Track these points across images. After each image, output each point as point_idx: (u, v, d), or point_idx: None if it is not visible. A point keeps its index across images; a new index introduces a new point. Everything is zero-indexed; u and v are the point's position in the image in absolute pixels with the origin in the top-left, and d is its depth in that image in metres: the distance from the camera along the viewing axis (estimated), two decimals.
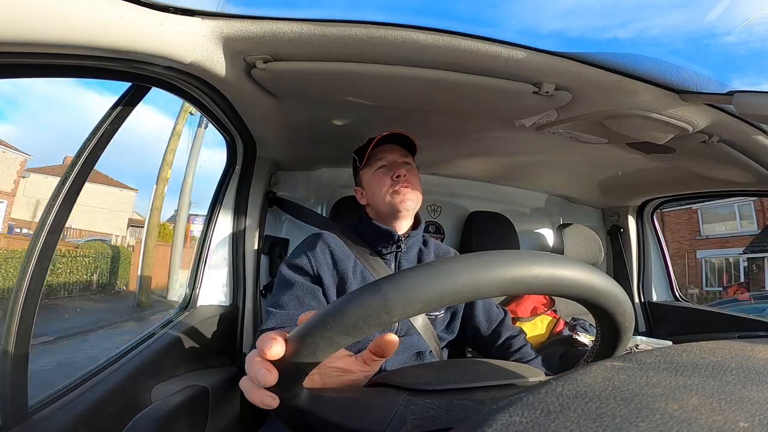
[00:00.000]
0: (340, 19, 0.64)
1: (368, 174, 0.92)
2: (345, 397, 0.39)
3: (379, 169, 0.90)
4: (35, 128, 28.23)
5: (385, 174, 0.89)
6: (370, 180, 0.91)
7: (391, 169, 0.89)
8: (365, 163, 0.92)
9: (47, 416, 0.59)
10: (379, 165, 0.90)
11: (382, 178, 0.89)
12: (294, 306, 0.79)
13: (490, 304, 0.98)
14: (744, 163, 1.03)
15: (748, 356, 0.28)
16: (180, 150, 6.83)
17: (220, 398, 0.89)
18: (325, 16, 0.64)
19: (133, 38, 0.55)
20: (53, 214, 0.60)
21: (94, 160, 0.66)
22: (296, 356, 0.30)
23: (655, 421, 0.18)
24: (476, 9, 0.69)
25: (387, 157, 0.91)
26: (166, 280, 7.10)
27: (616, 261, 1.75)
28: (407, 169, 0.90)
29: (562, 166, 1.42)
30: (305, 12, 0.64)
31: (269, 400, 0.33)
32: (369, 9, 0.64)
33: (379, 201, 0.89)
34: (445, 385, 0.38)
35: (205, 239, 1.15)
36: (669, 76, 0.74)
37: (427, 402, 0.36)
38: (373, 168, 0.91)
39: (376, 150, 0.91)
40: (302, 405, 0.34)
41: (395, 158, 0.91)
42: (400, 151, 0.92)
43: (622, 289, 0.35)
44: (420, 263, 0.63)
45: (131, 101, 0.69)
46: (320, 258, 0.85)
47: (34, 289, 0.58)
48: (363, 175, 0.94)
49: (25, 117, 35.02)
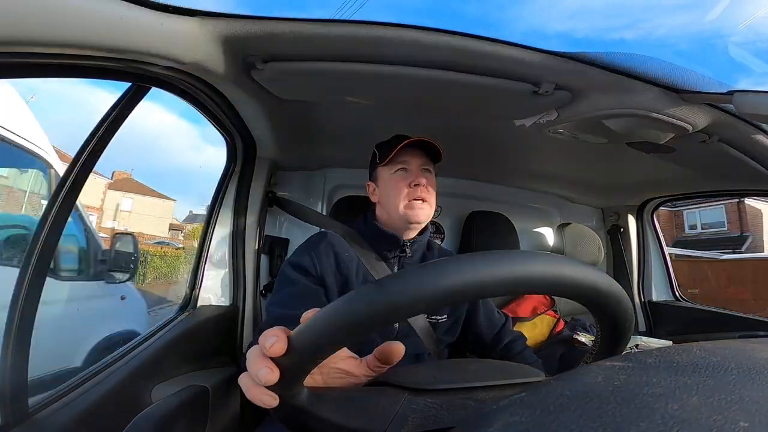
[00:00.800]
0: (340, 19, 0.64)
1: (386, 173, 0.90)
2: (345, 396, 0.39)
3: (399, 171, 0.88)
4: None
5: (404, 179, 0.87)
6: (387, 181, 0.90)
7: (411, 175, 0.87)
8: (387, 161, 0.89)
9: (47, 416, 0.59)
10: (400, 167, 0.89)
11: (399, 182, 0.87)
12: (295, 305, 0.78)
13: (491, 309, 0.98)
14: (744, 163, 1.03)
15: (748, 356, 0.28)
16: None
17: (220, 398, 0.89)
18: (325, 16, 0.64)
19: (133, 38, 0.55)
20: (53, 214, 0.60)
21: (94, 161, 0.66)
22: (299, 354, 0.30)
23: (655, 421, 0.18)
24: (476, 9, 0.69)
25: (410, 162, 0.89)
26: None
27: (616, 261, 1.75)
28: (427, 179, 0.88)
29: (562, 166, 1.42)
30: (305, 12, 0.65)
31: (269, 399, 0.32)
32: (369, 9, 0.64)
33: (392, 207, 0.87)
34: (447, 384, 0.38)
35: (205, 239, 1.15)
36: (669, 76, 0.74)
37: (429, 401, 0.36)
38: (393, 168, 0.89)
39: (401, 151, 0.88)
40: (302, 404, 0.34)
41: (417, 165, 0.89)
42: (423, 159, 0.90)
43: (622, 288, 0.35)
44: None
45: (131, 101, 0.69)
46: (324, 259, 0.84)
47: (34, 289, 0.58)
48: (381, 171, 0.92)
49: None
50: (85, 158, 0.64)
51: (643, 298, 1.69)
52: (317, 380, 0.42)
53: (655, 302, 1.66)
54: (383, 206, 0.91)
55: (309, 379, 0.47)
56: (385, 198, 0.90)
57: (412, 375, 0.42)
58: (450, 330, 0.92)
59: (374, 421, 0.34)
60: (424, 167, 0.90)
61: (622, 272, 1.71)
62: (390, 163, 0.89)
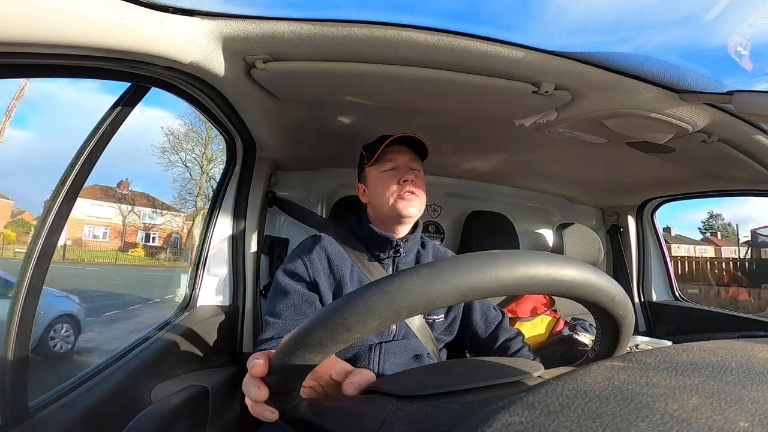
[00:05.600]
0: (340, 19, 0.64)
1: (374, 173, 0.91)
2: (339, 405, 0.41)
3: (387, 171, 0.89)
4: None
5: (392, 176, 0.88)
6: (376, 180, 0.90)
7: (399, 172, 0.88)
8: (373, 160, 0.90)
9: (47, 416, 0.59)
10: (388, 167, 0.89)
11: (388, 180, 0.88)
12: (290, 315, 0.78)
13: (488, 306, 0.98)
14: (744, 162, 1.03)
15: (748, 356, 0.28)
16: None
17: (220, 398, 0.89)
18: (325, 16, 0.64)
19: (133, 38, 0.55)
20: (53, 214, 0.60)
21: (94, 161, 0.66)
22: (279, 373, 0.33)
23: (655, 421, 0.18)
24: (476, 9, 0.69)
25: (396, 159, 0.89)
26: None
27: (616, 261, 1.75)
28: (415, 175, 0.88)
29: (562, 166, 1.42)
30: (305, 12, 0.64)
31: (269, 414, 0.36)
32: (369, 9, 0.64)
33: (383, 204, 0.88)
34: (433, 389, 0.39)
35: (204, 239, 1.15)
36: (669, 76, 0.74)
37: (414, 407, 0.36)
38: (380, 168, 0.90)
39: (386, 150, 0.89)
40: (302, 416, 0.37)
41: (404, 162, 0.89)
42: (410, 155, 0.91)
43: (622, 288, 0.35)
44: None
45: (131, 101, 0.69)
46: (317, 263, 0.84)
47: (34, 289, 0.58)
48: (369, 172, 0.93)
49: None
50: (85, 158, 0.65)
51: (643, 298, 1.69)
52: (318, 391, 0.44)
53: (654, 302, 1.67)
54: (374, 205, 0.92)
55: (309, 390, 0.48)
56: (375, 197, 0.90)
57: (399, 381, 0.43)
58: (447, 329, 0.92)
59: (364, 429, 0.36)
60: (411, 164, 0.90)
61: (621, 272, 1.71)
62: (377, 162, 0.90)
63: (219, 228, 1.16)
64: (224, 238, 1.17)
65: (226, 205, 1.18)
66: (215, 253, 1.16)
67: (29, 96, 26.31)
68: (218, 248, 1.16)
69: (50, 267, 0.60)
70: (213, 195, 1.18)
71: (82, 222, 15.46)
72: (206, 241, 1.15)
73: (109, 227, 16.22)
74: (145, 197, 17.86)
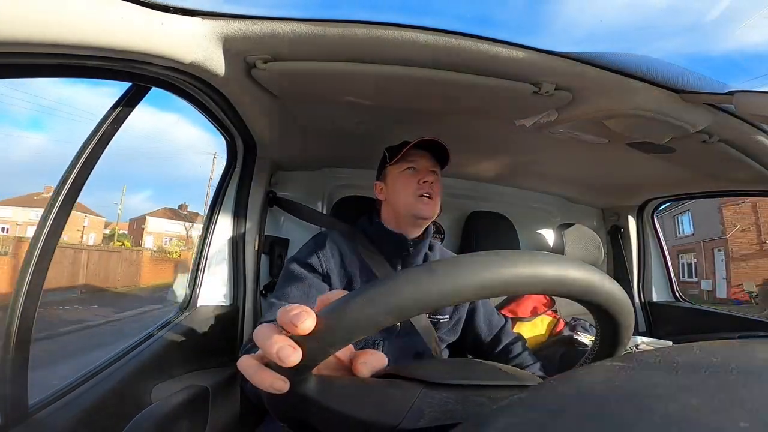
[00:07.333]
0: (340, 19, 0.64)
1: (395, 172, 0.93)
2: (356, 386, 0.36)
3: (408, 170, 0.91)
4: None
5: (413, 176, 0.90)
6: (396, 178, 0.92)
7: (420, 174, 0.90)
8: (396, 160, 0.92)
9: (47, 416, 0.59)
10: (409, 166, 0.91)
11: (408, 179, 0.90)
12: (301, 299, 0.78)
13: (491, 311, 0.99)
14: (744, 163, 1.03)
15: (748, 356, 0.28)
16: None
17: (220, 398, 0.89)
18: (326, 16, 0.64)
19: (133, 38, 0.55)
20: (53, 215, 0.60)
21: (94, 161, 0.66)
22: (328, 334, 0.27)
23: (655, 421, 0.18)
24: (477, 9, 0.69)
25: (419, 162, 0.92)
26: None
27: (616, 261, 1.75)
28: (434, 179, 0.91)
29: (562, 166, 1.42)
30: (306, 12, 0.64)
31: (280, 384, 0.28)
32: (369, 9, 0.64)
33: (400, 202, 0.90)
34: (462, 380, 0.38)
35: (205, 239, 1.15)
36: (669, 76, 0.74)
37: (444, 396, 0.35)
38: (402, 167, 0.92)
39: (410, 152, 0.91)
40: (309, 393, 0.32)
41: (426, 165, 0.92)
42: (431, 160, 0.93)
43: (622, 289, 0.35)
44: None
45: (131, 101, 0.69)
46: (329, 258, 0.86)
47: (34, 289, 0.58)
48: (389, 171, 0.95)
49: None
50: (86, 158, 0.65)
51: (643, 298, 1.69)
52: (319, 368, 0.39)
53: (655, 303, 1.66)
54: (390, 203, 0.93)
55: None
56: (393, 195, 0.92)
57: (424, 369, 0.41)
58: (451, 330, 0.92)
59: (387, 413, 0.33)
60: (432, 168, 0.93)
61: (622, 273, 1.70)
62: (399, 162, 0.92)
63: (219, 228, 1.16)
64: (224, 238, 1.17)
65: (226, 205, 1.18)
66: (215, 253, 1.16)
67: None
68: (218, 248, 1.16)
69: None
70: (213, 195, 1.19)
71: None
72: (206, 241, 1.15)
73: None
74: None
